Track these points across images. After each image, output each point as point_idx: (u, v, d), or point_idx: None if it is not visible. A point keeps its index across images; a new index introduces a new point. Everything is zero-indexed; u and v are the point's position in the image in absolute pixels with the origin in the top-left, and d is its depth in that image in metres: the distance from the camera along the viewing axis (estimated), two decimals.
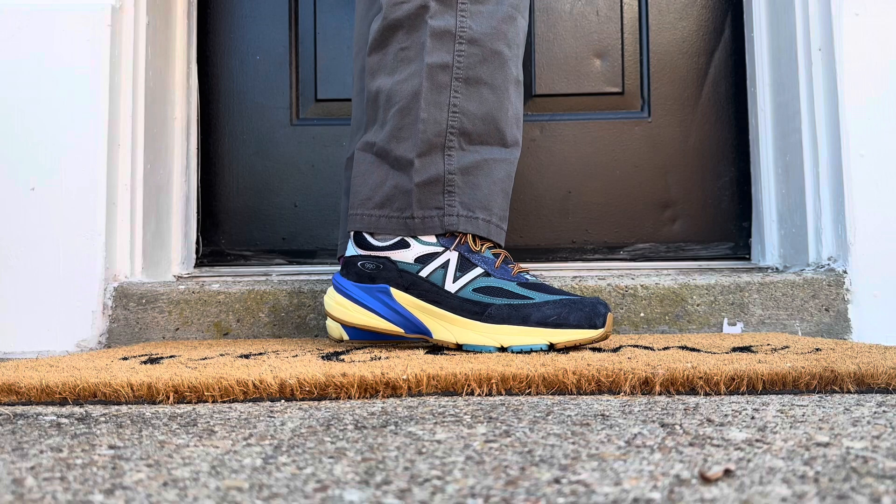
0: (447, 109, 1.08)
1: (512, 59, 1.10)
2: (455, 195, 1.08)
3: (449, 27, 1.08)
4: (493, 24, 1.09)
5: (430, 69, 1.08)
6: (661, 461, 0.48)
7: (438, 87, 1.08)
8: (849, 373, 0.76)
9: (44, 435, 0.61)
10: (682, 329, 1.33)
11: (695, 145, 1.63)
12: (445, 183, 1.08)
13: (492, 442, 0.55)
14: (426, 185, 1.08)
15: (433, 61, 1.08)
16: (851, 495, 0.40)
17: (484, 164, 1.09)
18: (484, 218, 1.08)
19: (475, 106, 1.09)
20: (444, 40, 1.08)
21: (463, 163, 1.08)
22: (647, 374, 0.76)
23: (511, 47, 1.10)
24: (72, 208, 1.36)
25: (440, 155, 1.08)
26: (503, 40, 1.09)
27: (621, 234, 1.62)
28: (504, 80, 1.10)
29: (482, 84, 1.09)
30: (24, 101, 1.38)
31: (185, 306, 1.36)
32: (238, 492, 0.43)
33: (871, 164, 1.34)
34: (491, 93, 1.09)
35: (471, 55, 1.08)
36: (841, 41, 1.36)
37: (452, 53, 1.08)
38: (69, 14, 1.39)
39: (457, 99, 1.08)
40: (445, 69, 1.08)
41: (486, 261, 1.07)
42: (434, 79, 1.08)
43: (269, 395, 0.77)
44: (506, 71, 1.10)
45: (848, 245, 1.33)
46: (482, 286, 1.05)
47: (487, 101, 1.09)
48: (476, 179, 1.09)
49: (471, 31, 1.08)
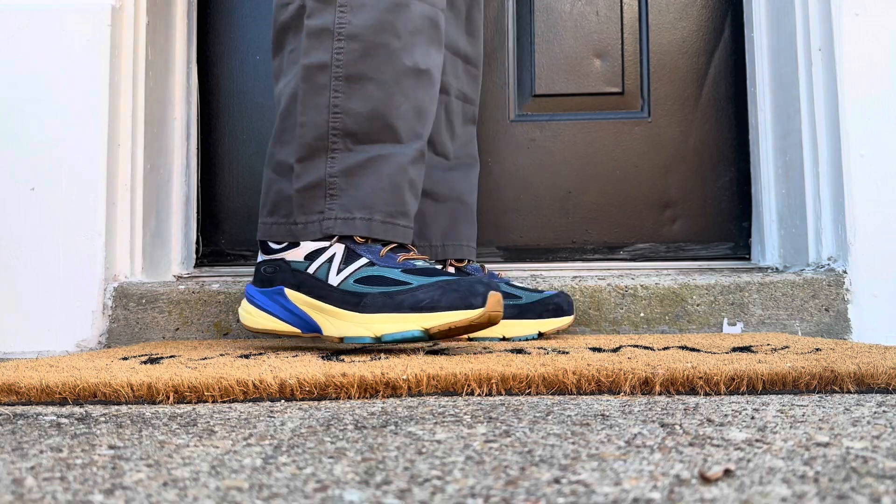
0: (327, 111, 1.05)
1: (404, 50, 1.04)
2: (337, 198, 1.05)
3: (327, 25, 1.05)
4: (375, 15, 1.04)
5: (307, 70, 1.06)
6: (661, 461, 0.48)
7: (316, 89, 1.05)
8: (849, 373, 0.76)
9: (44, 435, 0.61)
10: (682, 329, 1.33)
11: (695, 145, 1.63)
12: (327, 186, 1.05)
13: (492, 442, 0.55)
14: (307, 190, 1.06)
15: (309, 62, 1.05)
16: (851, 495, 0.40)
17: (370, 163, 1.05)
18: (363, 217, 1.04)
19: (359, 104, 1.04)
20: (322, 39, 1.05)
21: (346, 164, 1.05)
22: (647, 374, 0.76)
23: (402, 37, 1.04)
24: (72, 208, 1.36)
25: (323, 158, 1.05)
26: (390, 31, 1.04)
27: (621, 234, 1.62)
28: (394, 73, 1.04)
29: (366, 80, 1.04)
30: (24, 101, 1.38)
31: (185, 306, 1.36)
32: (238, 492, 0.43)
33: (871, 164, 1.34)
34: (377, 88, 1.04)
35: (351, 51, 1.04)
36: (841, 41, 1.36)
37: (331, 52, 1.04)
38: (69, 14, 1.39)
39: (338, 99, 1.05)
40: (324, 69, 1.04)
41: (371, 251, 1.04)
42: (311, 80, 1.05)
43: (269, 395, 0.77)
44: (395, 63, 1.04)
45: (848, 245, 1.33)
46: (364, 276, 1.01)
47: (373, 98, 1.04)
48: (359, 180, 1.05)
49: (350, 27, 1.04)
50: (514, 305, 1.22)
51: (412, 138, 1.07)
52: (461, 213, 1.28)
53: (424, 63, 1.06)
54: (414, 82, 1.06)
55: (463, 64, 1.30)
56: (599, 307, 1.34)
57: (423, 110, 1.07)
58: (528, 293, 1.24)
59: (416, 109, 1.07)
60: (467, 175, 1.31)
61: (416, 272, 1.00)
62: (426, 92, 1.07)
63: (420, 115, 1.07)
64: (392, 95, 1.04)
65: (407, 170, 1.06)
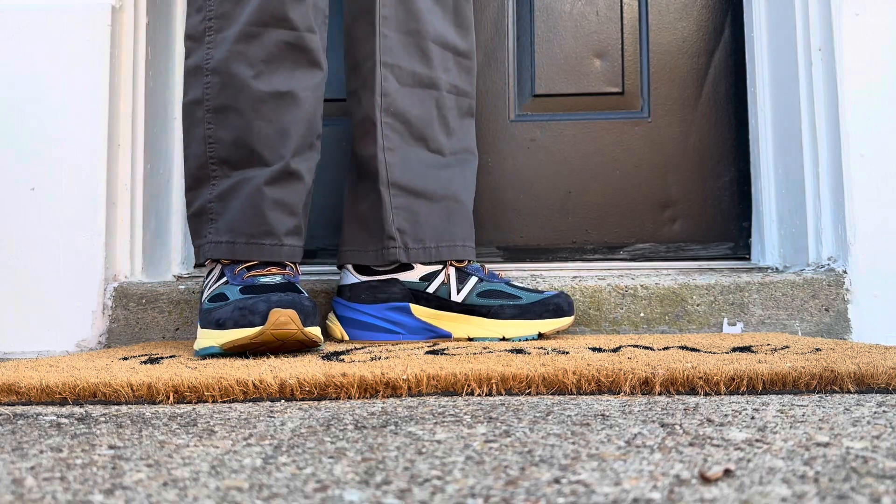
0: (204, 142, 1.12)
1: (258, 77, 1.09)
2: (214, 222, 1.12)
3: (198, 62, 1.12)
4: (227, 47, 1.09)
5: (187, 107, 1.14)
6: (661, 461, 0.48)
7: (196, 122, 1.13)
8: (849, 373, 0.76)
9: (44, 435, 0.61)
10: (682, 329, 1.33)
11: (695, 145, 1.63)
12: (208, 212, 1.13)
13: (492, 442, 0.55)
14: (196, 216, 1.15)
15: (188, 99, 1.14)
16: (851, 495, 0.40)
17: (236, 187, 1.11)
18: (227, 241, 1.10)
19: (226, 133, 1.11)
20: (196, 76, 1.12)
21: (221, 189, 1.12)
22: (647, 374, 0.76)
23: (254, 65, 1.09)
24: (72, 208, 1.36)
25: (207, 186, 1.13)
26: (241, 60, 1.09)
27: (621, 234, 1.62)
28: (250, 101, 1.09)
29: (229, 110, 1.10)
30: (24, 101, 1.38)
31: (185, 306, 1.36)
32: (238, 492, 0.43)
33: (871, 164, 1.34)
34: (237, 117, 1.10)
35: (214, 84, 1.11)
36: (841, 41, 1.36)
37: (202, 87, 1.11)
38: (69, 14, 1.39)
39: (210, 130, 1.11)
40: (199, 104, 1.12)
41: (231, 270, 1.10)
42: (191, 115, 1.13)
43: (269, 395, 0.77)
44: (250, 91, 1.09)
45: (848, 245, 1.33)
46: (215, 294, 1.07)
47: (235, 126, 1.10)
48: (229, 203, 1.11)
49: (213, 62, 1.10)
50: (514, 306, 1.22)
51: (277, 160, 1.11)
52: (456, 211, 1.27)
53: (286, 86, 1.11)
54: (274, 106, 1.10)
55: (453, 56, 1.29)
56: (599, 307, 1.34)
57: (286, 132, 1.11)
58: (529, 293, 1.24)
59: (280, 132, 1.11)
60: (463, 172, 1.31)
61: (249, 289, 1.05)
62: (291, 114, 1.11)
63: (284, 138, 1.11)
64: (250, 122, 1.10)
65: (262, 190, 1.10)
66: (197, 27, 1.12)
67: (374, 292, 1.25)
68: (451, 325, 1.23)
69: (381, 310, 1.24)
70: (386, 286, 1.25)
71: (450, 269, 1.25)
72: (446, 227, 1.26)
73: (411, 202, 1.24)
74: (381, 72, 1.23)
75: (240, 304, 0.99)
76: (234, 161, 1.11)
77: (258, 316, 0.97)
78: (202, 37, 1.11)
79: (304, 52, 1.11)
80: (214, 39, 1.10)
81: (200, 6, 1.12)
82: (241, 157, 1.11)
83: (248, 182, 1.10)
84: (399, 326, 1.24)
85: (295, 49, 1.11)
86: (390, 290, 1.25)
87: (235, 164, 1.11)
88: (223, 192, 1.12)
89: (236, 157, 1.11)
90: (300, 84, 1.11)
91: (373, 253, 1.25)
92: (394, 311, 1.24)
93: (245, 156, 1.11)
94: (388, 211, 1.23)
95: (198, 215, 1.14)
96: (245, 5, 1.09)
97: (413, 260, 1.24)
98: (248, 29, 1.08)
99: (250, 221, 1.10)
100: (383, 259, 1.23)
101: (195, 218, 1.15)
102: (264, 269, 1.10)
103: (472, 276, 1.25)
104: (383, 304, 1.24)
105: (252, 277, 1.08)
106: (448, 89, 1.28)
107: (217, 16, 1.10)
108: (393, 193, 1.23)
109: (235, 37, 1.09)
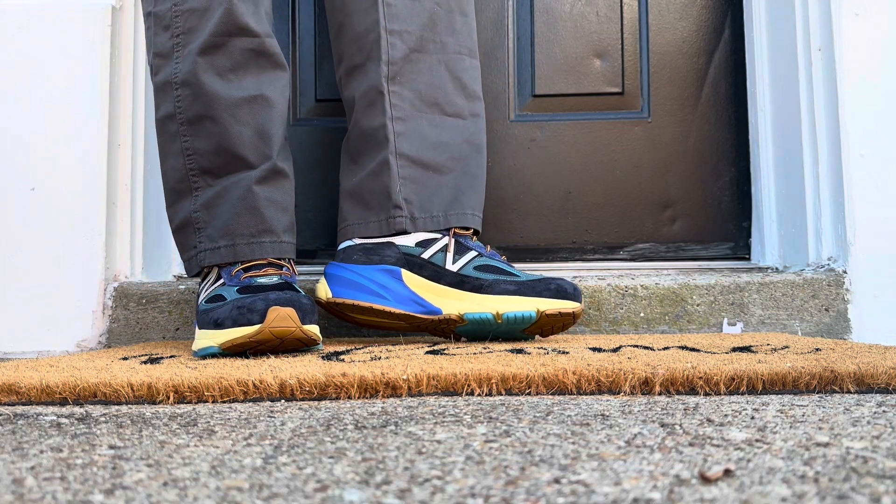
0: (183, 154, 1.13)
1: (227, 85, 1.11)
2: (203, 231, 1.13)
3: (168, 78, 1.13)
4: (193, 59, 1.11)
5: (160, 123, 1.16)
6: (661, 461, 0.48)
7: (171, 137, 1.14)
8: (849, 373, 0.76)
9: (44, 435, 0.61)
10: (682, 329, 1.33)
11: (695, 145, 1.63)
12: (193, 223, 1.14)
13: (492, 442, 0.55)
14: (180, 230, 1.16)
15: (160, 115, 1.15)
16: (851, 495, 0.40)
17: (223, 193, 1.13)
18: (226, 244, 1.11)
19: (204, 143, 1.12)
20: (166, 91, 1.14)
21: (205, 199, 1.13)
22: (647, 374, 0.76)
23: (223, 74, 1.11)
24: (72, 208, 1.36)
25: (188, 198, 1.14)
26: (208, 70, 1.11)
27: (621, 234, 1.62)
28: (221, 108, 1.11)
29: (204, 119, 1.12)
30: (24, 101, 1.38)
31: (185, 306, 1.36)
32: (238, 492, 0.43)
33: (871, 164, 1.34)
34: (213, 125, 1.12)
35: (185, 97, 1.12)
36: (841, 41, 1.36)
37: (173, 101, 1.13)
38: (69, 14, 1.39)
39: (187, 142, 1.13)
40: (172, 118, 1.14)
41: (228, 272, 1.10)
42: (165, 131, 1.15)
43: (269, 395, 0.77)
44: (219, 99, 1.11)
45: (848, 245, 1.33)
46: (213, 296, 1.08)
47: (213, 134, 1.12)
48: (217, 210, 1.12)
49: (182, 75, 1.12)
50: (510, 281, 1.16)
51: (262, 160, 1.13)
52: (465, 183, 1.25)
53: (257, 90, 1.13)
54: (249, 110, 1.12)
55: (459, 16, 1.26)
56: (599, 307, 1.34)
57: (266, 132, 1.13)
58: (528, 275, 1.19)
59: (261, 132, 1.13)
60: (480, 133, 1.29)
61: (247, 289, 1.05)
62: (268, 115, 1.14)
63: (265, 137, 1.13)
64: (228, 128, 1.11)
65: (254, 190, 1.12)
66: (165, 44, 1.14)
67: (367, 254, 1.20)
68: (442, 301, 1.16)
69: (371, 270, 1.18)
70: (380, 248, 1.20)
71: (451, 238, 1.21)
72: (456, 197, 1.24)
73: (419, 173, 1.22)
74: (389, 40, 1.22)
75: (238, 304, 0.99)
76: (216, 169, 1.12)
77: (257, 314, 0.97)
78: (170, 53, 1.13)
79: (267, 57, 1.14)
80: (181, 54, 1.12)
81: (168, 24, 1.13)
82: (223, 164, 1.12)
83: (236, 186, 1.12)
84: (386, 291, 1.17)
85: (259, 55, 1.13)
86: (384, 252, 1.20)
87: (217, 171, 1.13)
88: (208, 200, 1.13)
89: (218, 165, 1.12)
90: (269, 87, 1.14)
91: (376, 224, 1.22)
92: (384, 274, 1.18)
93: (227, 162, 1.12)
94: (396, 181, 1.21)
95: (182, 227, 1.15)
96: (210, 18, 1.10)
97: (420, 230, 1.21)
98: (212, 40, 1.10)
99: (247, 222, 1.11)
100: (389, 229, 1.20)
101: (180, 231, 1.16)
102: (262, 269, 1.10)
103: (472, 250, 1.21)
104: (374, 266, 1.19)
105: (249, 278, 1.08)
106: (456, 50, 1.26)
107: (184, 31, 1.12)
108: (401, 164, 1.21)
109: (200, 48, 1.11)
